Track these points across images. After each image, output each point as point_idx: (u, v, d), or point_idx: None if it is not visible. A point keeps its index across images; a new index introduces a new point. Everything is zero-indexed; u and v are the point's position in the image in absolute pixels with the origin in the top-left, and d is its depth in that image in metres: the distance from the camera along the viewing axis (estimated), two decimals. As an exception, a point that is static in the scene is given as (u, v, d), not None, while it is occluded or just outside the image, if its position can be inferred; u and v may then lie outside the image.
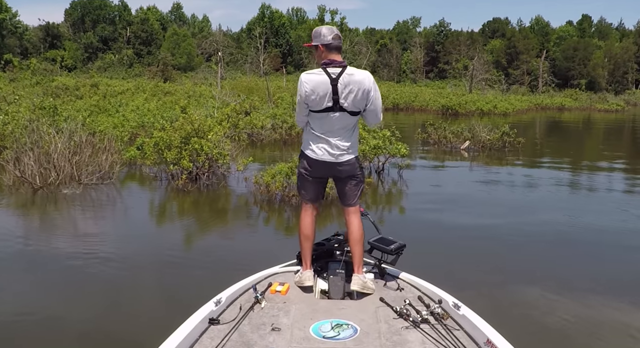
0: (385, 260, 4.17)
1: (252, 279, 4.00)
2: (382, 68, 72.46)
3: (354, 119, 3.89)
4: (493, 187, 12.30)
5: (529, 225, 8.70)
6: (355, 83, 3.73)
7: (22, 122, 12.27)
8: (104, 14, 76.67)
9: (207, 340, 3.15)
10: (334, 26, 3.98)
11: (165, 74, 51.73)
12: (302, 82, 3.78)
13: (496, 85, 55.44)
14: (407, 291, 3.93)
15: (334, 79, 3.70)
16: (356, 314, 3.52)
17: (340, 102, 3.75)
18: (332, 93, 3.72)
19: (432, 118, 25.61)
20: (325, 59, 3.79)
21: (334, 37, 3.80)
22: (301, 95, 3.80)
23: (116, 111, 20.76)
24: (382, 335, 3.24)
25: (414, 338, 3.21)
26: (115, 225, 8.75)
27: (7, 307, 5.31)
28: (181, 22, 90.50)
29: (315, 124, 3.89)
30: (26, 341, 4.70)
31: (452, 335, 3.19)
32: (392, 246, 4.11)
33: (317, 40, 3.83)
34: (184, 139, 10.78)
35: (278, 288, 3.87)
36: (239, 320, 3.37)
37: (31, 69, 44.63)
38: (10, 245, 7.29)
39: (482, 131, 18.27)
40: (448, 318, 3.44)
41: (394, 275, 4.16)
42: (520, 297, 5.78)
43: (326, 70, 3.73)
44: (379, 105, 3.90)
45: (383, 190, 11.53)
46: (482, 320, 3.28)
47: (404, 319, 3.40)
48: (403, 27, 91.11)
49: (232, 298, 3.69)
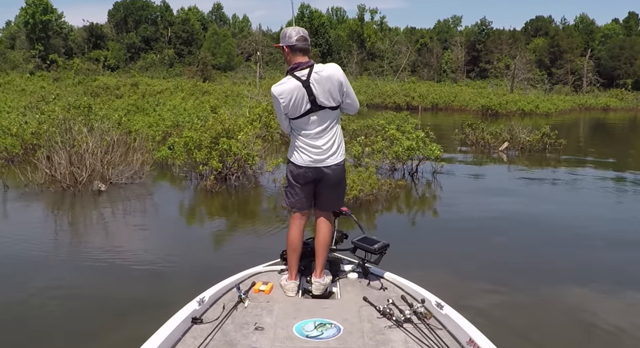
0: (369, 260, 4.17)
1: (236, 278, 3.99)
2: (422, 67, 71.66)
3: (335, 114, 3.86)
4: (530, 192, 11.85)
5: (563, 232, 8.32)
6: (326, 78, 3.71)
7: (57, 121, 12.37)
8: (146, 14, 77.82)
9: (190, 340, 3.13)
10: (302, 27, 3.91)
11: (205, 73, 52.20)
12: (274, 96, 3.76)
13: (538, 84, 54.11)
14: (390, 290, 3.93)
15: (304, 81, 3.69)
16: (339, 313, 3.52)
17: (319, 101, 3.72)
18: (308, 94, 3.69)
19: (471, 118, 25.08)
20: (292, 62, 3.77)
21: (298, 39, 3.76)
22: (279, 109, 3.80)
23: (153, 110, 20.89)
24: (365, 334, 3.25)
25: (397, 337, 3.21)
26: (140, 224, 8.71)
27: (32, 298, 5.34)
28: (221, 22, 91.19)
29: (299, 130, 3.86)
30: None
31: (434, 335, 3.19)
32: (375, 245, 4.12)
33: (282, 41, 3.81)
34: (213, 139, 10.68)
35: (261, 287, 3.87)
36: (222, 320, 3.36)
37: (74, 68, 45.55)
38: (33, 243, 7.34)
39: (521, 132, 17.70)
40: (431, 317, 3.44)
41: (377, 275, 4.17)
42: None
43: (294, 75, 3.72)
44: (351, 92, 3.87)
45: (416, 194, 11.21)
46: (464, 320, 3.29)
47: (387, 318, 3.41)
48: (444, 26, 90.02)
49: (215, 297, 3.68)
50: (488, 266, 6.77)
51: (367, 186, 9.39)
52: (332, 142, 3.86)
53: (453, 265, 6.71)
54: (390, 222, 9.02)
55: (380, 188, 9.77)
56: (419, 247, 7.53)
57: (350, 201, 9.14)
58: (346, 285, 4.03)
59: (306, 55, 3.79)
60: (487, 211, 9.66)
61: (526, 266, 6.83)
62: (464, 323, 3.24)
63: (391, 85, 49.50)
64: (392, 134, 12.47)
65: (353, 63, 63.44)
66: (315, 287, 3.88)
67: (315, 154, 3.83)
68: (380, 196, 9.82)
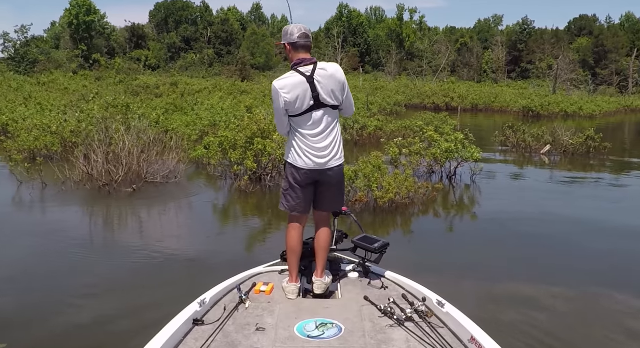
0: (369, 259, 4.18)
1: (236, 279, 3.98)
2: (462, 67, 70.67)
3: (335, 114, 3.85)
4: (571, 198, 11.44)
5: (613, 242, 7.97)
6: (330, 76, 3.71)
7: (95, 120, 12.49)
8: (186, 15, 78.84)
9: (192, 341, 3.13)
10: (303, 24, 3.87)
11: (244, 73, 52.49)
12: (277, 90, 3.69)
13: (582, 85, 52.75)
14: (391, 289, 3.92)
15: (309, 77, 3.67)
16: (341, 313, 3.52)
17: (321, 98, 3.70)
18: (311, 90, 3.67)
19: (512, 120, 24.54)
20: (294, 59, 3.76)
21: (300, 36, 3.75)
22: (279, 105, 3.73)
23: (191, 109, 21.02)
24: (366, 333, 3.24)
25: (398, 336, 3.20)
26: (173, 223, 8.76)
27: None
28: (260, 22, 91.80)
29: (299, 129, 3.81)
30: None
31: (436, 333, 3.17)
32: (376, 245, 4.13)
33: (284, 38, 3.81)
34: (249, 138, 10.62)
35: (262, 288, 3.87)
36: (224, 321, 3.36)
37: (116, 68, 46.27)
38: (69, 240, 7.43)
39: (564, 135, 17.16)
40: (432, 316, 3.43)
41: (378, 274, 4.17)
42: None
43: (298, 70, 3.70)
44: (350, 94, 3.91)
45: (454, 198, 10.94)
46: (466, 318, 3.27)
47: (389, 317, 3.40)
48: (484, 26, 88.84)
49: (217, 298, 3.68)
50: (533, 277, 6.49)
51: (403, 189, 9.17)
52: (334, 143, 3.84)
53: (492, 276, 6.47)
54: (425, 227, 8.78)
55: (416, 192, 9.53)
56: (454, 256, 7.31)
57: (386, 205, 8.94)
58: (347, 285, 4.03)
59: (308, 52, 3.79)
60: (526, 217, 9.32)
61: (574, 272, 6.54)
62: (465, 322, 3.23)
63: (430, 85, 48.94)
64: (430, 135, 12.21)
65: (392, 63, 62.94)
66: (317, 285, 3.90)
67: (317, 156, 3.80)
68: (417, 199, 9.59)
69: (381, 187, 9.15)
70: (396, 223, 8.82)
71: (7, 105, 20.41)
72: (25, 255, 6.91)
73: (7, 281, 6.02)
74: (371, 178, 9.14)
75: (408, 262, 6.66)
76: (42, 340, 4.70)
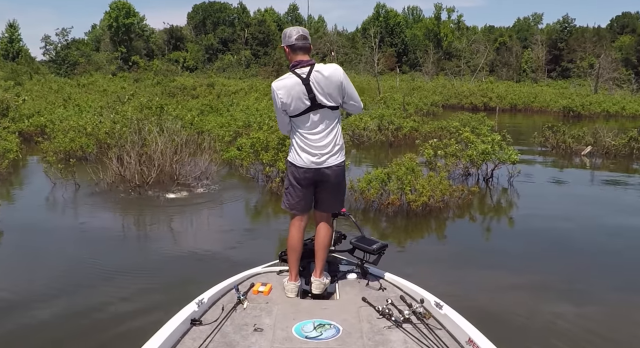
0: (367, 260, 4.18)
1: (234, 280, 4.01)
2: (500, 67, 69.48)
3: (335, 114, 3.88)
4: (612, 202, 11.04)
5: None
6: (326, 77, 3.75)
7: (129, 122, 12.57)
8: (223, 16, 79.53)
9: (189, 341, 3.14)
10: (302, 26, 3.98)
11: (280, 73, 51.99)
12: (273, 91, 3.81)
13: (625, 85, 51.32)
14: (389, 291, 3.94)
15: (304, 79, 3.73)
16: (338, 314, 3.54)
17: (318, 99, 3.76)
18: (307, 92, 3.73)
19: (551, 120, 23.98)
20: (293, 60, 3.82)
21: (297, 38, 3.82)
22: (277, 105, 3.84)
23: (227, 110, 21.07)
24: (364, 334, 3.25)
25: (396, 337, 3.21)
26: (204, 224, 8.80)
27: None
28: (297, 23, 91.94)
29: (299, 129, 3.88)
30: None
31: (434, 335, 3.18)
32: (374, 246, 4.14)
33: (283, 41, 3.89)
34: (281, 140, 10.53)
35: (260, 288, 3.89)
36: (221, 321, 3.37)
37: (154, 69, 46.83)
38: (100, 239, 7.52)
39: (606, 135, 16.60)
40: (430, 317, 3.42)
41: (376, 275, 4.18)
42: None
43: (295, 72, 3.77)
44: (353, 93, 3.92)
45: (490, 201, 10.64)
46: (464, 320, 3.28)
47: (387, 319, 3.41)
48: (524, 24, 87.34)
49: (215, 299, 3.70)
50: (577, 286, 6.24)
51: (437, 192, 8.92)
52: (333, 142, 3.88)
53: (540, 283, 6.24)
54: (460, 232, 8.55)
55: (451, 195, 9.28)
56: (490, 263, 7.08)
57: (419, 208, 8.72)
58: (345, 286, 4.05)
59: (307, 54, 3.85)
60: (566, 226, 8.95)
61: (607, 287, 6.25)
62: (463, 323, 3.23)
63: (468, 85, 48.21)
64: (466, 136, 11.92)
65: (429, 63, 62.24)
66: (315, 285, 3.93)
67: (315, 154, 3.85)
68: (452, 203, 9.34)
69: (414, 189, 8.94)
70: (430, 227, 8.60)
71: (46, 106, 20.81)
72: (50, 254, 7.00)
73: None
74: (404, 181, 8.93)
75: (440, 267, 6.53)
76: (42, 340, 4.68)
